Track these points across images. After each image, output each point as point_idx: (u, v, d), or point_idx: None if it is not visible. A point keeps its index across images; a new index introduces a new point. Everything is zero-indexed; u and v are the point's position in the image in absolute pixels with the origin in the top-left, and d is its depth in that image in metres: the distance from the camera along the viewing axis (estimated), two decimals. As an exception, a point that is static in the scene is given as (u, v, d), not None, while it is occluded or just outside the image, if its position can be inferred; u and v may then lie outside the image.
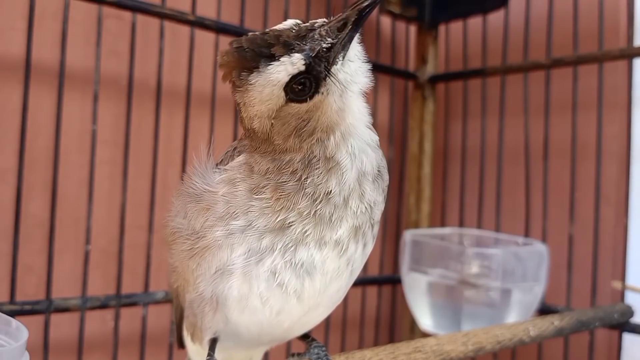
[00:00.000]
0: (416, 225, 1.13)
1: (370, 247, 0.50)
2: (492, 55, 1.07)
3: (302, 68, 0.43)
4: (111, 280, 0.82)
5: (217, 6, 0.88)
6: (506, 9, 1.04)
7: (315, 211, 0.45)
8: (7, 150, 0.76)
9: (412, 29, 1.18)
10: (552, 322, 0.71)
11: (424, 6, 1.12)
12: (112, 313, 0.79)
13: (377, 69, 1.08)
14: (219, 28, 0.86)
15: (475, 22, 1.11)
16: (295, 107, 0.44)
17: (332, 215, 0.45)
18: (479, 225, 1.06)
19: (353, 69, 0.45)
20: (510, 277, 0.83)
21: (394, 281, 1.10)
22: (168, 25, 0.84)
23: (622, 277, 0.88)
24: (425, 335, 0.78)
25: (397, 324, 1.17)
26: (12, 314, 0.65)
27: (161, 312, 0.85)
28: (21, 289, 0.75)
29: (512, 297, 0.83)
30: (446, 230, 1.03)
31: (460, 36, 1.14)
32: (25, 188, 0.74)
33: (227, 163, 0.48)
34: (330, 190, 0.45)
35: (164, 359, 0.85)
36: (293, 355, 0.54)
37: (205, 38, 0.88)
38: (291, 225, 0.45)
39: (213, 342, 0.52)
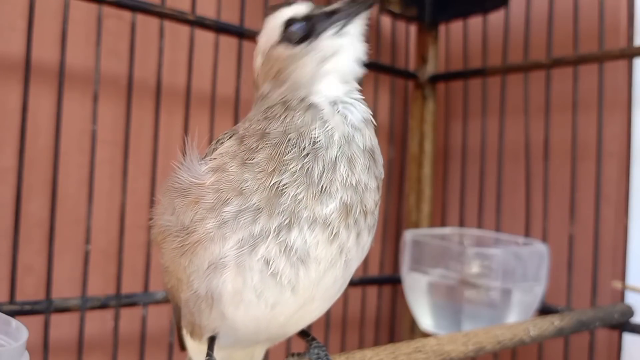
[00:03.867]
0: (416, 225, 1.13)
1: (366, 239, 0.48)
2: (492, 55, 1.07)
3: (302, 14, 0.49)
4: (111, 280, 0.82)
5: (217, 6, 0.88)
6: (506, 9, 1.04)
7: (303, 165, 0.44)
8: (7, 150, 0.76)
9: (413, 28, 1.18)
10: (553, 322, 0.71)
11: (424, 6, 1.12)
12: (112, 313, 0.79)
13: (377, 68, 1.08)
14: (218, 28, 0.86)
15: (475, 21, 1.11)
16: (282, 49, 0.49)
17: (321, 176, 0.44)
18: (479, 225, 1.06)
19: (340, 45, 0.49)
20: (510, 277, 0.83)
21: (394, 281, 1.10)
22: (168, 25, 0.84)
23: (622, 277, 0.88)
24: (425, 335, 0.78)
25: (397, 324, 1.17)
26: (12, 314, 0.65)
27: (161, 312, 0.85)
28: (21, 289, 0.75)
29: (513, 297, 0.83)
30: (446, 230, 1.02)
31: (460, 36, 1.14)
32: (25, 188, 0.74)
33: (212, 153, 0.48)
34: (316, 137, 0.45)
35: (163, 359, 0.85)
36: (293, 355, 0.54)
37: (205, 38, 0.88)
38: (285, 190, 0.44)
39: (211, 341, 0.51)
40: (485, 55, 1.07)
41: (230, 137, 0.48)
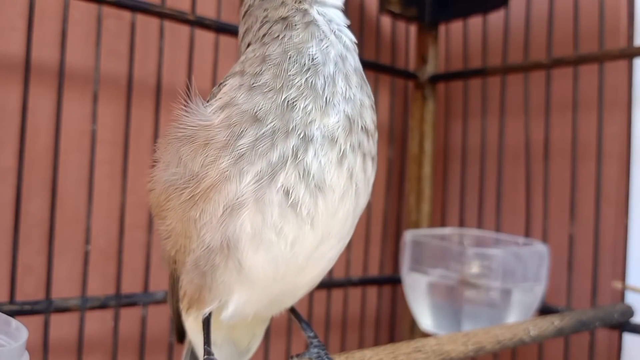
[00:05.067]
0: (416, 225, 1.13)
1: (370, 170, 0.50)
2: (492, 55, 1.07)
3: None
4: (111, 280, 0.82)
5: (217, 6, 0.88)
6: (507, 9, 1.04)
7: (307, 79, 0.46)
8: (7, 150, 0.76)
9: (412, 28, 1.18)
10: (553, 322, 0.71)
11: (424, 6, 1.12)
12: (112, 313, 0.79)
13: (377, 68, 1.09)
14: (218, 28, 0.86)
15: (475, 21, 1.11)
16: None
17: (324, 88, 0.46)
18: (479, 225, 1.06)
19: None
20: (510, 277, 0.83)
21: (394, 281, 1.10)
22: (168, 25, 0.84)
23: (623, 277, 0.88)
24: (425, 335, 0.78)
25: (397, 324, 1.17)
26: (12, 314, 0.65)
27: (161, 312, 0.85)
28: (21, 289, 0.75)
29: (513, 297, 0.83)
30: (446, 230, 1.03)
31: (460, 36, 1.14)
32: (25, 188, 0.74)
33: (218, 94, 0.48)
34: (313, 54, 0.47)
35: (163, 359, 0.85)
36: (292, 357, 0.54)
37: (205, 38, 0.88)
38: (295, 104, 0.45)
39: (207, 331, 0.51)
40: (485, 55, 1.07)
41: (231, 76, 0.49)
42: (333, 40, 0.48)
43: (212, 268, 0.47)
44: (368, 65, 1.06)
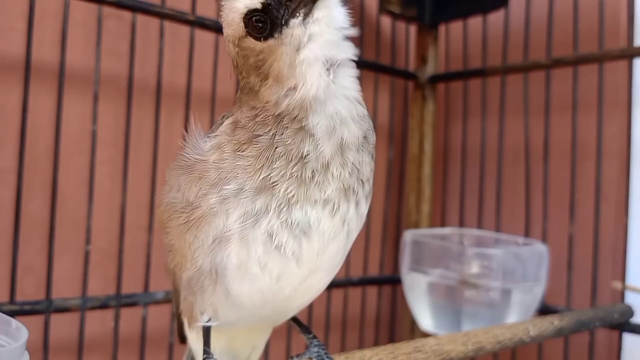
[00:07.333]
0: (416, 225, 1.13)
1: (364, 207, 0.49)
2: (492, 55, 1.07)
3: (259, 6, 0.44)
4: (111, 281, 0.82)
5: (217, 6, 0.88)
6: (506, 9, 1.04)
7: (292, 173, 0.44)
8: (7, 150, 0.76)
9: (412, 29, 1.18)
10: (552, 322, 0.71)
11: (424, 6, 1.12)
12: (112, 313, 0.79)
13: (377, 69, 1.09)
14: (218, 28, 0.86)
15: (475, 22, 1.11)
16: (252, 42, 0.46)
17: (312, 177, 0.44)
18: (479, 226, 1.06)
19: (316, 31, 0.45)
20: (510, 277, 0.83)
21: (394, 281, 1.10)
22: (168, 25, 0.84)
23: (622, 277, 0.88)
24: (425, 335, 0.78)
25: (397, 324, 1.17)
26: (12, 314, 0.65)
27: (161, 312, 0.85)
28: (21, 289, 0.75)
29: (512, 297, 0.83)
30: (446, 230, 1.03)
31: (460, 36, 1.14)
32: (25, 188, 0.74)
33: (217, 130, 0.48)
34: (304, 154, 0.44)
35: (163, 359, 0.85)
36: (292, 357, 0.54)
37: (205, 38, 0.88)
38: (275, 185, 0.44)
39: (207, 335, 0.51)
40: (485, 55, 1.07)
41: (229, 118, 0.48)
42: (332, 144, 0.45)
43: (202, 289, 0.49)
44: (368, 66, 1.07)
